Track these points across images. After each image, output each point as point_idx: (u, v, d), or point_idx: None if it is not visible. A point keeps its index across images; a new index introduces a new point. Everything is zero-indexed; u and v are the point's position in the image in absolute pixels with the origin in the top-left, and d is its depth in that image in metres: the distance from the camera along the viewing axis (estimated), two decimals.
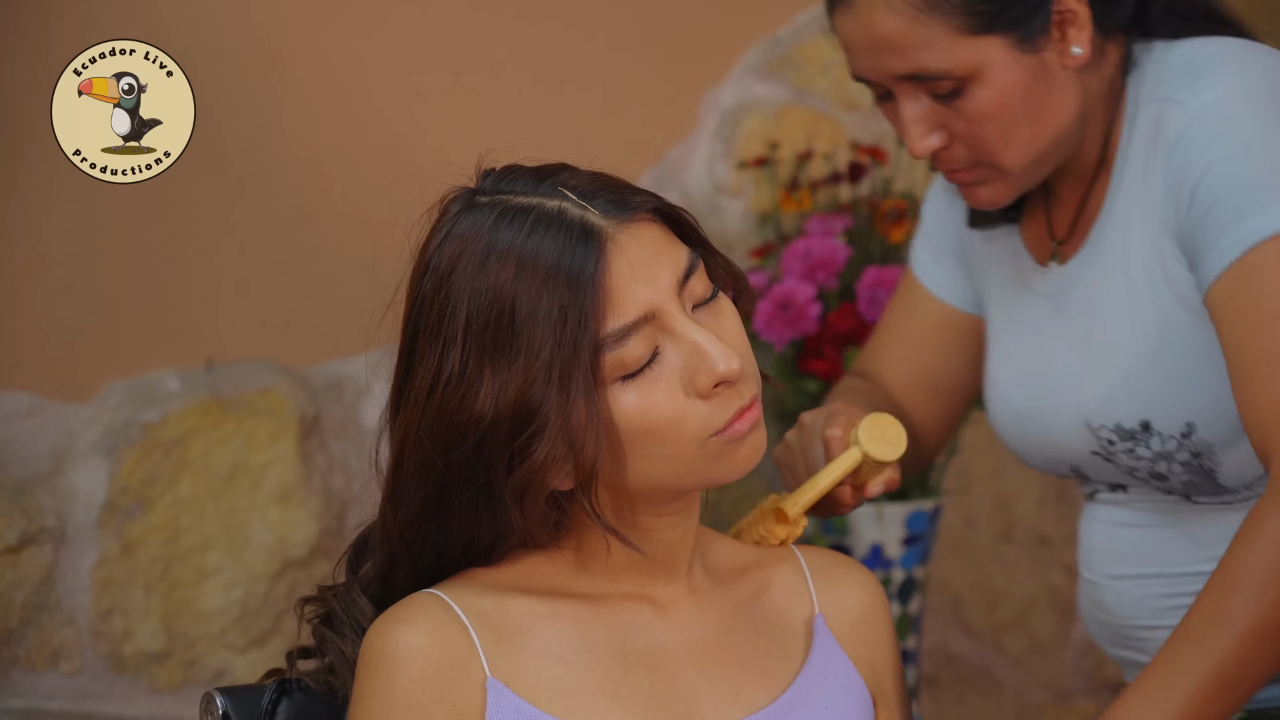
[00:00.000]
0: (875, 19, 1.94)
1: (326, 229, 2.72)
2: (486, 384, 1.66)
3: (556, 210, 1.68)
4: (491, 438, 1.67)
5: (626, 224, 1.69)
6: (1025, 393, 2.10)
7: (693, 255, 1.72)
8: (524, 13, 2.85)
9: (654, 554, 1.77)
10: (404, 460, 1.72)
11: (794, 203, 2.87)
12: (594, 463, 1.66)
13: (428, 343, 1.70)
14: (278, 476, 2.67)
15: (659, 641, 1.76)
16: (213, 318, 2.68)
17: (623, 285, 1.67)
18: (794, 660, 1.81)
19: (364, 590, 1.80)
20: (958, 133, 1.97)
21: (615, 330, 1.66)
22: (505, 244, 1.67)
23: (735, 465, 1.72)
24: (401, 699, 1.68)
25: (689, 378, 1.68)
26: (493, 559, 1.76)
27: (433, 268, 1.70)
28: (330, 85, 2.72)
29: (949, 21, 1.92)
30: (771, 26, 3.06)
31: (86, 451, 2.60)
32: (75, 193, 2.55)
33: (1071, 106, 1.98)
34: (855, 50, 1.98)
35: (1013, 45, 1.93)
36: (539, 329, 1.65)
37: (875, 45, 1.95)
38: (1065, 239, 2.07)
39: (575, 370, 1.65)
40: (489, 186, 1.73)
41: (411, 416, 1.71)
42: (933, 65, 1.93)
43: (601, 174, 1.73)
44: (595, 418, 1.66)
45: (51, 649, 2.56)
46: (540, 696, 1.70)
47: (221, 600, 2.63)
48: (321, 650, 1.81)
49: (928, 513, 2.82)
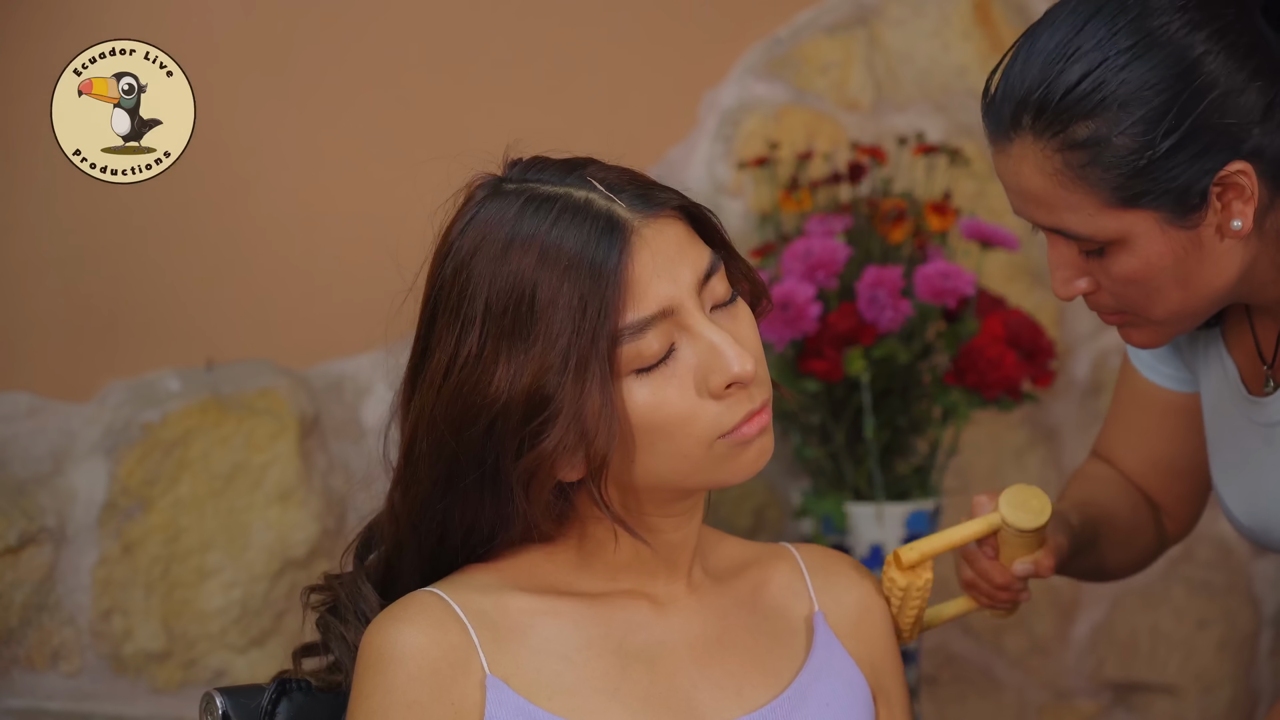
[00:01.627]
0: (1024, 172, 1.87)
1: (326, 229, 2.72)
2: (502, 367, 1.67)
3: (583, 200, 1.69)
4: (503, 421, 1.68)
5: (652, 219, 1.70)
6: (1248, 512, 2.07)
7: (715, 256, 1.72)
8: (524, 11, 2.85)
9: (657, 553, 1.77)
10: (416, 440, 1.73)
11: (794, 203, 2.87)
12: (605, 453, 1.67)
13: (446, 324, 1.70)
14: (278, 476, 2.66)
15: (659, 639, 1.76)
16: (213, 318, 2.68)
17: (644, 278, 1.67)
18: (795, 658, 1.81)
19: (369, 579, 1.80)
20: (1104, 284, 1.90)
21: (633, 322, 1.67)
22: (529, 231, 1.68)
23: (741, 468, 1.72)
24: (400, 697, 1.68)
25: (702, 377, 1.69)
26: (490, 552, 1.76)
27: (455, 251, 1.71)
28: (330, 84, 2.72)
29: (1095, 193, 1.84)
30: (771, 26, 3.06)
31: (86, 452, 2.60)
32: (75, 193, 2.55)
33: (1231, 269, 1.88)
34: (1007, 190, 1.92)
35: (1163, 220, 1.84)
36: (558, 316, 1.66)
37: (1022, 195, 1.89)
38: (1273, 363, 2.01)
39: (592, 359, 1.65)
40: (516, 175, 1.74)
41: (426, 397, 1.71)
42: (1076, 228, 1.86)
43: (629, 169, 1.73)
44: (609, 408, 1.66)
45: (51, 649, 2.56)
46: (540, 694, 1.70)
47: (221, 600, 2.63)
48: (325, 641, 1.82)
49: (927, 513, 2.82)
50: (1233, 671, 3.38)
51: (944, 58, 3.13)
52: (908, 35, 3.11)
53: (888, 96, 3.10)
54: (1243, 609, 3.40)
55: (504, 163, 1.76)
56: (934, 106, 3.12)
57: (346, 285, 2.73)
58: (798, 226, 2.87)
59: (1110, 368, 3.26)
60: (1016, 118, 1.85)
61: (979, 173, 3.11)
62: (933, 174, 2.94)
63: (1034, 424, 3.22)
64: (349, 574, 1.82)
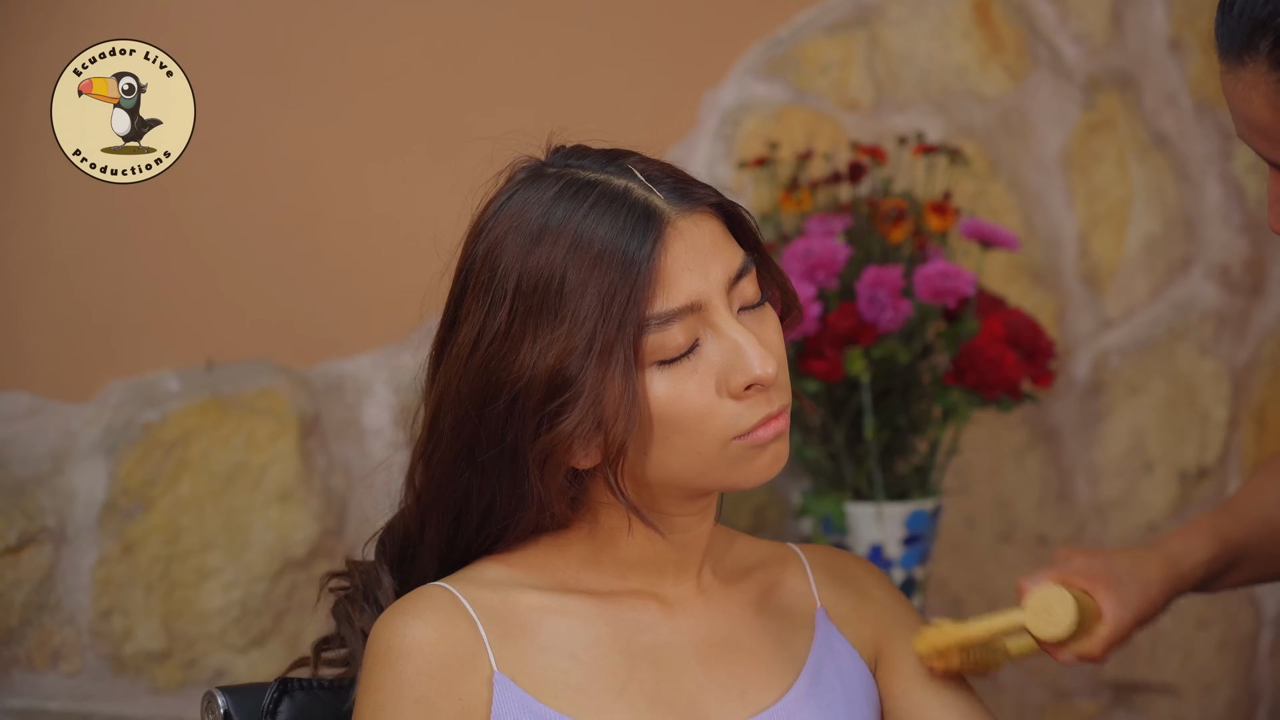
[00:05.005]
0: (1253, 101, 1.73)
1: (326, 229, 2.72)
2: (527, 346, 1.68)
3: (622, 189, 1.70)
4: (524, 400, 1.68)
5: (688, 213, 1.70)
6: None
7: (747, 258, 1.73)
8: (523, 11, 2.85)
9: (667, 553, 1.77)
10: (441, 413, 1.73)
11: (794, 203, 2.87)
12: (623, 441, 1.67)
13: (475, 299, 1.71)
14: (278, 476, 2.66)
15: (666, 639, 1.76)
16: (213, 318, 2.67)
17: (675, 270, 1.68)
18: (799, 659, 1.81)
19: (388, 565, 1.81)
20: None
21: (660, 313, 1.67)
22: (563, 215, 1.69)
23: (753, 472, 1.72)
24: (409, 691, 1.68)
25: (724, 375, 1.69)
26: (505, 540, 1.76)
27: (489, 229, 1.72)
28: (329, 84, 2.71)
29: None
30: (771, 26, 3.06)
31: (86, 452, 2.59)
32: (74, 192, 2.55)
33: None
34: (1232, 112, 1.78)
35: None
36: (587, 299, 1.66)
37: (1248, 124, 1.76)
38: None
39: (617, 344, 1.66)
40: (558, 160, 1.75)
41: (452, 370, 1.72)
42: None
43: (670, 164, 1.74)
44: (631, 395, 1.67)
45: (51, 649, 2.56)
46: (546, 692, 1.70)
47: (221, 600, 2.63)
48: (339, 628, 1.83)
49: (927, 513, 2.82)
50: (1232, 671, 3.38)
51: (944, 58, 3.13)
52: (908, 35, 3.11)
53: (888, 96, 3.10)
54: (1242, 609, 3.40)
55: (547, 148, 1.77)
56: (934, 106, 3.12)
57: (347, 285, 2.73)
58: (798, 226, 2.87)
59: (1110, 368, 3.27)
60: (1252, 40, 1.70)
61: (979, 173, 3.11)
62: (933, 174, 2.94)
63: (1034, 424, 3.22)
64: (370, 561, 1.83)
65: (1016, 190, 3.18)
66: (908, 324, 2.75)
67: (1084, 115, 3.24)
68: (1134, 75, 3.28)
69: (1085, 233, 3.24)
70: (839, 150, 2.99)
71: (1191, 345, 3.33)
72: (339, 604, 1.84)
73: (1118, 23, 3.26)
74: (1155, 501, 3.30)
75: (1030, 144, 3.20)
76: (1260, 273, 3.38)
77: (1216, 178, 3.33)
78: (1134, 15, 3.28)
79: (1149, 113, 3.29)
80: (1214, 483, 3.34)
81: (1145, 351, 3.29)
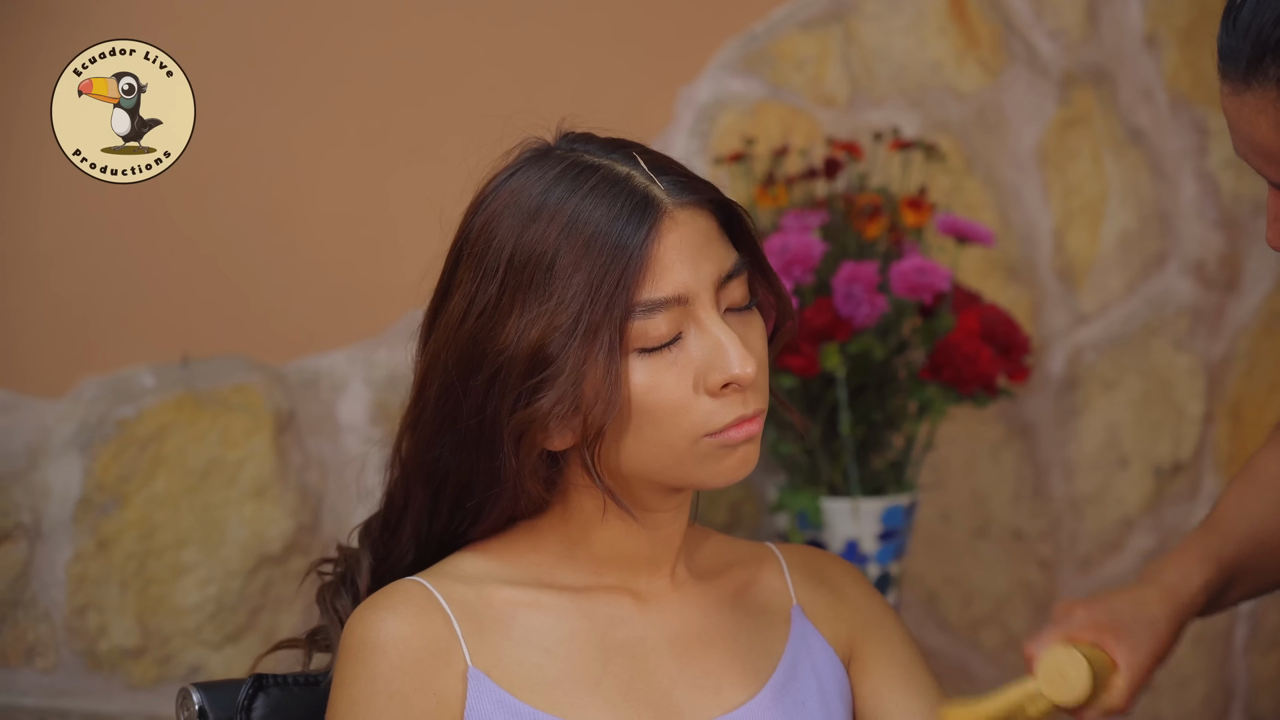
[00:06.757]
0: (1260, 126, 1.67)
1: (302, 225, 2.72)
2: (514, 319, 1.69)
3: (624, 175, 1.71)
4: (506, 373, 1.69)
5: (686, 206, 1.72)
6: None
7: (739, 261, 1.74)
8: (499, 8, 2.84)
9: (640, 548, 1.77)
10: (428, 381, 1.75)
11: (770, 198, 2.87)
12: (603, 423, 1.68)
13: (468, 270, 1.72)
14: (253, 472, 2.66)
15: (640, 634, 1.77)
16: (188, 314, 2.67)
17: (667, 260, 1.69)
18: (774, 656, 1.81)
19: (371, 547, 1.82)
20: None
21: (647, 300, 1.68)
22: (561, 196, 1.71)
23: (721, 472, 1.73)
24: (383, 686, 1.68)
25: (703, 371, 1.70)
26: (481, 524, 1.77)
27: (488, 203, 1.74)
28: (304, 81, 2.71)
29: None
30: (747, 22, 3.06)
31: (61, 448, 2.59)
32: (49, 190, 2.55)
33: None
34: (1232, 131, 1.73)
35: None
36: (577, 279, 1.67)
37: (1252, 146, 1.71)
38: None
39: (604, 327, 1.67)
40: (564, 144, 1.76)
41: (441, 338, 1.74)
42: None
43: (673, 159, 1.75)
44: (614, 378, 1.67)
45: (26, 645, 2.56)
46: (521, 686, 1.70)
47: (197, 596, 2.63)
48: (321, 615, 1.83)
49: (903, 508, 2.82)
50: (1207, 666, 3.39)
51: (920, 53, 3.13)
52: (883, 31, 3.11)
53: (863, 92, 3.10)
54: None
55: (556, 133, 1.78)
56: (909, 102, 3.12)
57: (322, 281, 2.72)
58: (774, 222, 2.87)
59: (1085, 363, 3.27)
60: (1260, 64, 1.64)
61: (954, 168, 3.12)
62: (908, 169, 2.94)
63: (1009, 419, 3.22)
64: (355, 547, 1.84)
65: (992, 186, 3.18)
66: (883, 319, 2.75)
67: (1059, 111, 3.24)
68: (1109, 71, 3.28)
69: (1060, 228, 3.24)
70: (815, 146, 2.99)
71: (1166, 340, 3.33)
72: (321, 589, 1.84)
73: (1093, 18, 3.26)
74: (1130, 496, 3.31)
75: (1006, 139, 3.21)
76: (1235, 268, 3.39)
77: (1191, 173, 3.34)
78: (1109, 11, 3.28)
79: (1124, 108, 3.30)
80: (1189, 478, 3.35)
81: (1120, 347, 3.30)
